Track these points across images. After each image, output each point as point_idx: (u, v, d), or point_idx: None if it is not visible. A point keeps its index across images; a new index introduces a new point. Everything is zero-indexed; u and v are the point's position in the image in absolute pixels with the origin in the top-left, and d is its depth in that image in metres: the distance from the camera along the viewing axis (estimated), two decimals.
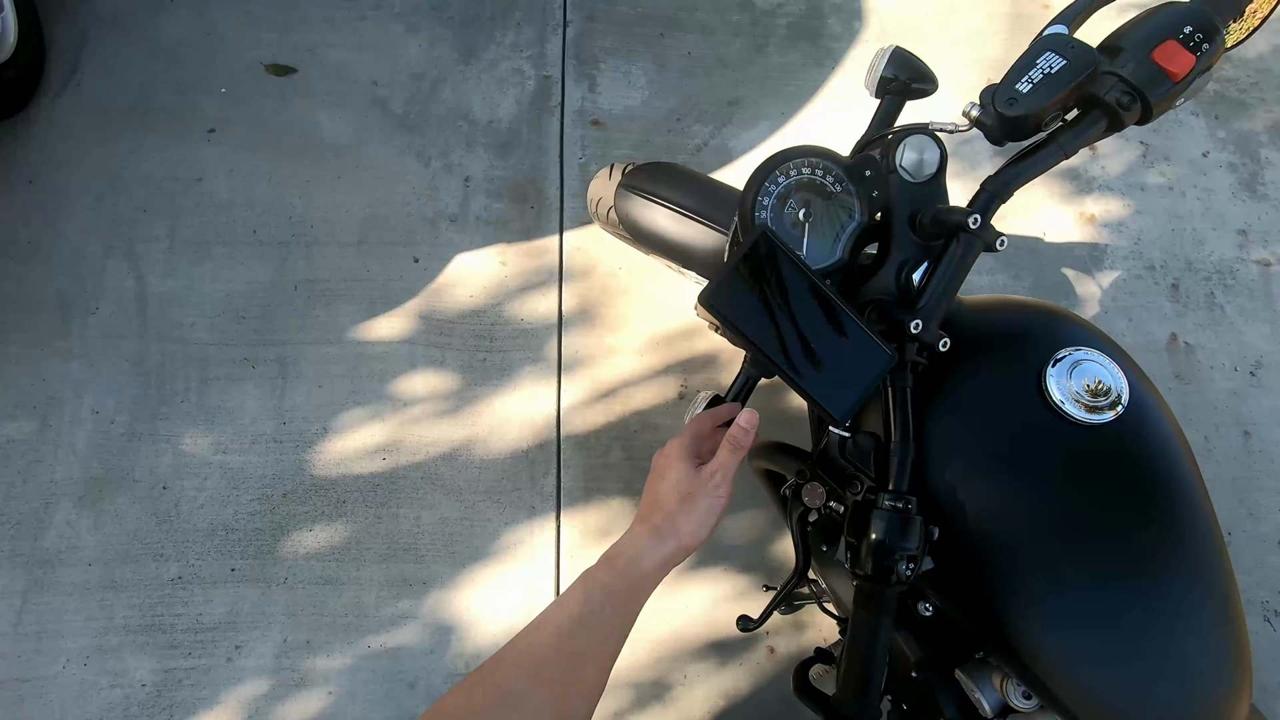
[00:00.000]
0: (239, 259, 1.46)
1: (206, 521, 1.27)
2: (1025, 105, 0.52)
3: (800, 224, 0.59)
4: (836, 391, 0.53)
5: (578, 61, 1.71)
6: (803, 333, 0.52)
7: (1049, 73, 0.52)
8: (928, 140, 0.59)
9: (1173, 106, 0.54)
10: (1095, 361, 0.57)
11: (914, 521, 0.52)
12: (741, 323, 0.52)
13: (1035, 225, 1.62)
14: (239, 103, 1.60)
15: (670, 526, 0.54)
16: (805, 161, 0.59)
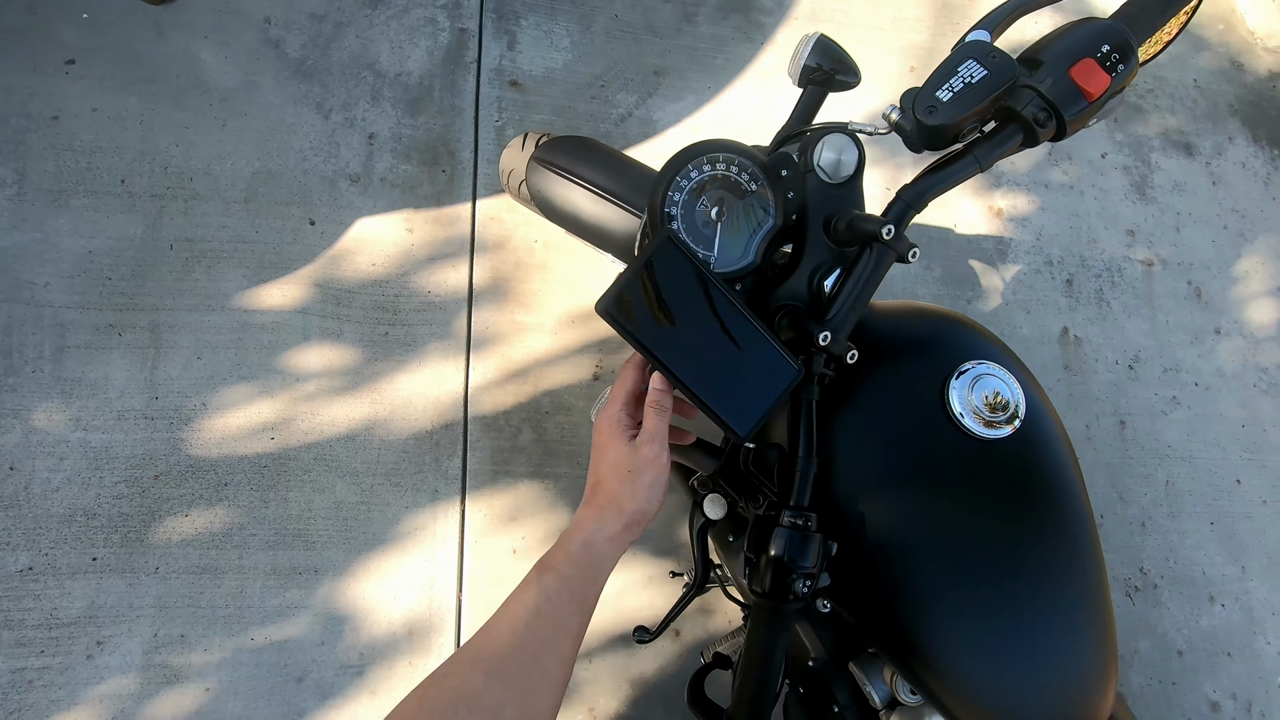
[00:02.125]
0: (104, 211, 1.30)
1: (63, 506, 1.14)
2: (944, 114, 0.50)
3: (712, 223, 0.55)
4: (739, 406, 0.50)
5: (497, 16, 1.60)
6: (706, 344, 0.49)
7: (970, 82, 0.50)
8: (847, 140, 0.56)
9: (1086, 125, 0.53)
10: (996, 375, 0.58)
11: (813, 539, 0.51)
12: (640, 333, 0.48)
13: (947, 217, 1.66)
14: (105, 31, 1.41)
15: (615, 506, 0.53)
16: (720, 156, 0.55)
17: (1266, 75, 1.99)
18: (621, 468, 0.53)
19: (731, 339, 0.50)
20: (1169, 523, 1.53)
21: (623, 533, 0.53)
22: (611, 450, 0.53)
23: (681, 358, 0.49)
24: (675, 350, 0.49)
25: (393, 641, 1.17)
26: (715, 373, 0.50)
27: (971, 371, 0.57)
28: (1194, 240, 1.77)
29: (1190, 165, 1.84)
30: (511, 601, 0.51)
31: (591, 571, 0.51)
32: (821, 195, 0.57)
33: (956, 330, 0.61)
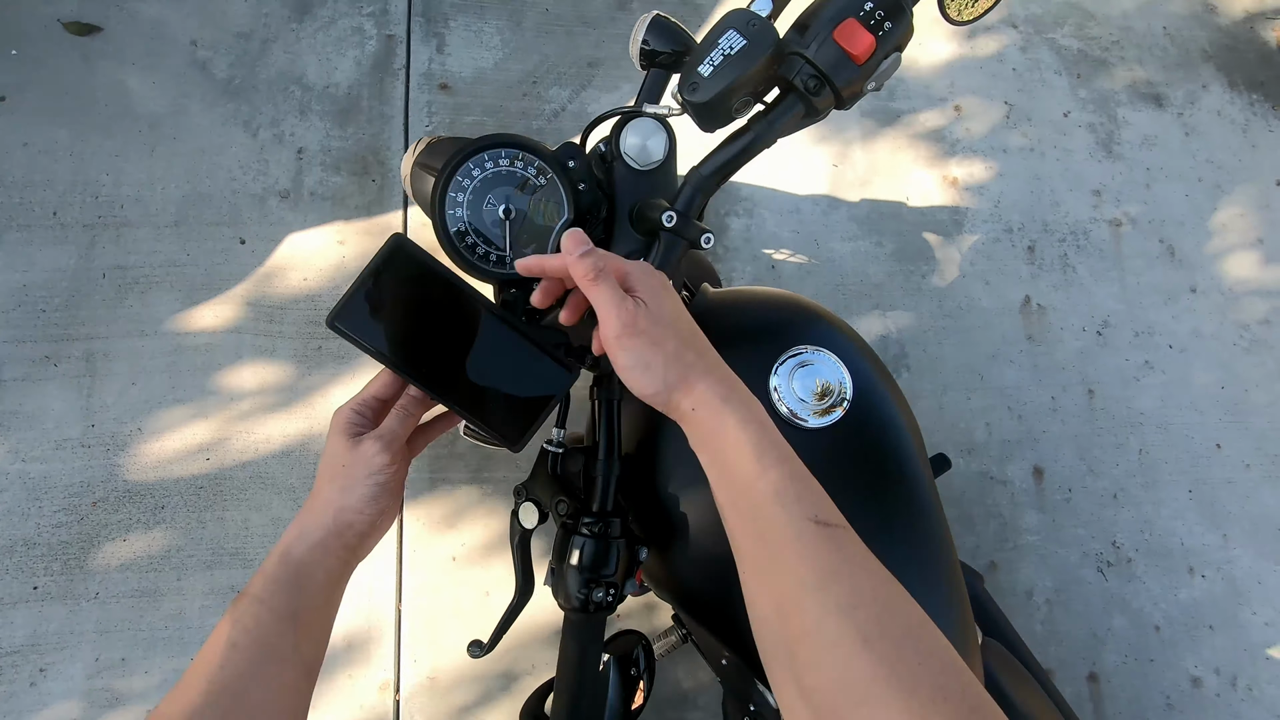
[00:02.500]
0: (37, 244, 1.32)
1: (3, 538, 1.17)
2: (706, 90, 0.47)
3: (501, 221, 0.53)
4: (508, 416, 0.48)
5: (425, 19, 1.59)
6: (464, 352, 0.47)
7: (729, 54, 0.47)
8: (653, 125, 0.54)
9: (864, 91, 0.50)
10: (820, 361, 0.54)
11: (614, 546, 0.49)
12: (381, 345, 0.46)
13: (899, 188, 1.61)
14: (34, 65, 1.42)
15: (323, 508, 0.47)
16: (503, 152, 0.53)
17: (1243, 16, 1.89)
18: (334, 465, 0.47)
19: (493, 344, 0.47)
20: (1143, 493, 1.46)
21: (331, 539, 0.46)
22: (329, 446, 0.48)
23: (436, 368, 0.47)
24: (427, 361, 0.46)
25: (331, 654, 1.17)
26: (478, 382, 0.48)
27: (793, 359, 0.54)
28: (1166, 196, 1.69)
29: (1161, 117, 1.75)
30: (205, 646, 0.44)
31: (296, 583, 0.45)
32: (630, 183, 0.55)
33: (780, 314, 0.58)
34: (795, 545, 0.38)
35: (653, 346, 0.42)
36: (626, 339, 0.42)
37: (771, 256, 1.52)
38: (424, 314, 0.46)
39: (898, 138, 1.65)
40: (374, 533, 0.49)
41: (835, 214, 1.57)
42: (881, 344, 1.49)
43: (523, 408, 0.48)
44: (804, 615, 0.36)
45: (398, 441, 0.47)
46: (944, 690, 0.33)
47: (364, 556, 0.50)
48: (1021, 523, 1.42)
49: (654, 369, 0.42)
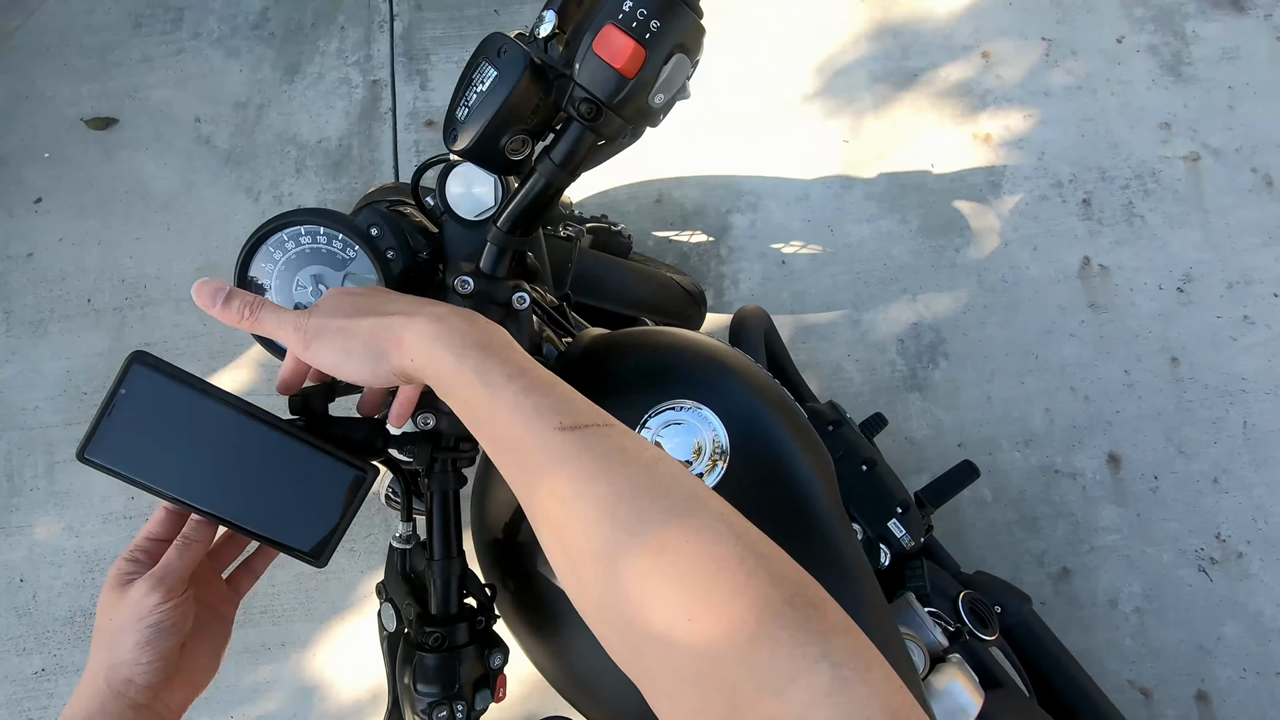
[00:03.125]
0: (76, 332, 1.42)
1: (65, 609, 1.26)
2: (466, 136, 0.40)
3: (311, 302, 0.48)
4: (305, 526, 0.44)
5: (407, 59, 1.59)
6: (238, 467, 0.43)
7: (481, 90, 0.40)
8: (473, 171, 0.47)
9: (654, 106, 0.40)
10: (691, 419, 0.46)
11: (455, 658, 0.43)
12: (145, 475, 0.42)
13: (922, 156, 1.45)
14: (64, 165, 1.54)
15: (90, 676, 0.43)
16: (301, 230, 0.48)
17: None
18: (101, 623, 0.43)
19: (269, 455, 0.43)
20: (1252, 474, 1.24)
21: (107, 705, 0.41)
22: (99, 605, 0.44)
23: (213, 490, 0.43)
24: (201, 483, 0.42)
25: (359, 709, 1.18)
26: (266, 498, 0.43)
27: (658, 419, 0.47)
28: (1256, 117, 1.43)
29: (1241, 24, 1.49)
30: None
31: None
32: (462, 237, 0.49)
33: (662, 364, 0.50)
34: (548, 463, 0.34)
35: (342, 334, 0.40)
36: (314, 343, 0.41)
37: (781, 251, 1.41)
38: (186, 431, 0.42)
39: (917, 99, 1.48)
40: (171, 683, 0.44)
41: (849, 195, 1.43)
42: (914, 332, 1.34)
43: (320, 519, 0.44)
44: (574, 534, 0.33)
45: (173, 575, 0.42)
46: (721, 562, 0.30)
47: (176, 712, 0.45)
48: (1097, 520, 1.23)
49: (356, 352, 0.40)
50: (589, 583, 0.33)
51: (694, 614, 0.29)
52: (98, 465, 0.42)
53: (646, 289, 0.98)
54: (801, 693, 0.27)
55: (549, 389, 0.37)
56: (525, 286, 0.45)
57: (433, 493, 0.47)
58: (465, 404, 0.38)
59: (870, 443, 0.96)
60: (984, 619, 0.81)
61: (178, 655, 0.43)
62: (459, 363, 0.37)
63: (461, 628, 0.45)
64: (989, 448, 1.27)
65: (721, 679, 0.28)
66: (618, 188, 1.46)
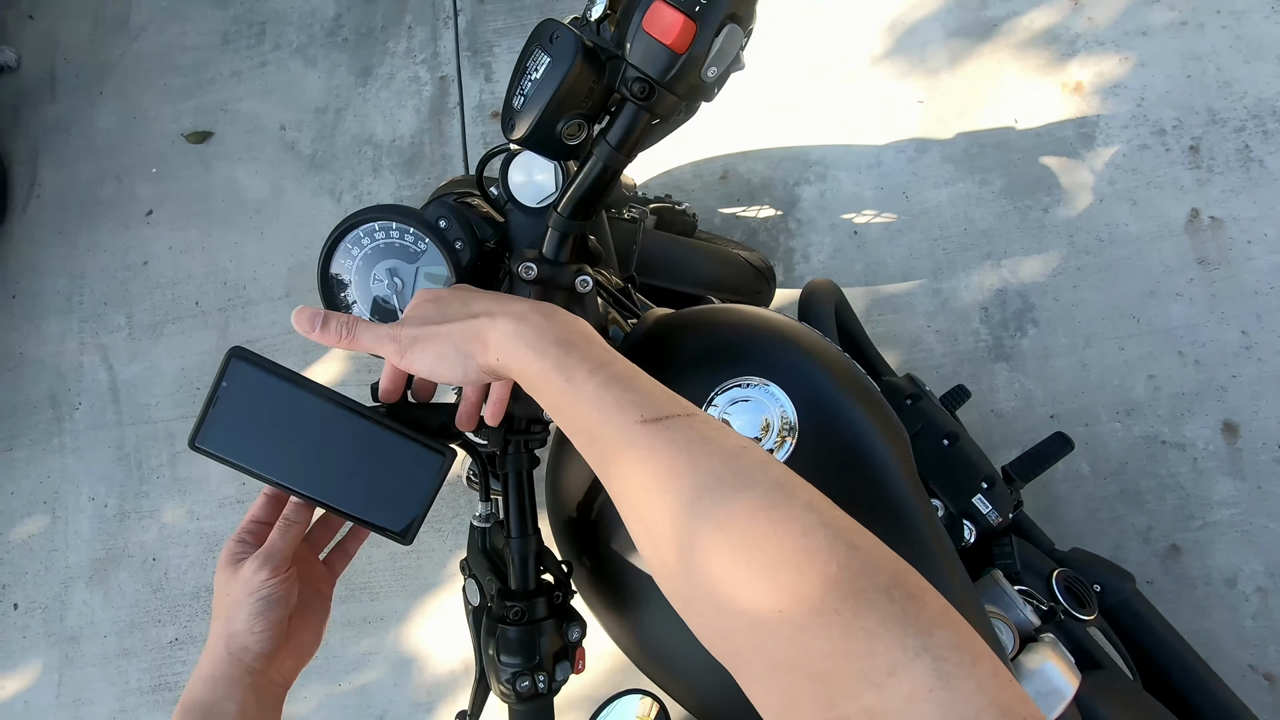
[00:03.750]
0: (187, 332, 1.54)
1: (192, 585, 1.38)
2: (523, 124, 0.41)
3: (389, 295, 0.51)
4: (392, 507, 0.46)
5: (472, 53, 1.62)
6: (332, 453, 0.45)
7: (535, 78, 0.40)
8: (535, 158, 0.48)
9: (709, 80, 0.39)
10: (758, 396, 0.46)
11: (535, 631, 0.45)
12: (249, 461, 0.45)
13: (1005, 112, 1.36)
14: (169, 179, 1.66)
15: (213, 643, 0.46)
16: (375, 226, 0.50)
17: None
18: (219, 600, 0.46)
19: (358, 441, 0.45)
20: None
21: (228, 670, 0.44)
22: (215, 584, 0.48)
23: (309, 474, 0.45)
24: (299, 468, 0.45)
25: (453, 679, 1.25)
26: (356, 480, 0.46)
27: (727, 394, 0.47)
28: None
29: None
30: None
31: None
32: (525, 225, 0.50)
33: (730, 341, 0.50)
34: (630, 454, 0.35)
35: (433, 340, 0.42)
36: (408, 352, 0.43)
37: (852, 221, 1.36)
38: (282, 419, 0.45)
39: (997, 51, 1.40)
40: (281, 652, 0.47)
41: (925, 158, 1.36)
42: (999, 299, 1.27)
43: (406, 500, 0.46)
44: (660, 522, 0.33)
45: (279, 554, 0.46)
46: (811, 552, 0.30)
47: (287, 679, 0.48)
48: (1212, 494, 1.14)
49: (446, 354, 0.42)
50: (677, 572, 0.33)
51: (784, 605, 0.29)
52: (206, 453, 0.45)
53: (713, 267, 0.97)
54: (902, 686, 0.26)
55: (630, 381, 0.37)
56: (588, 270, 0.45)
57: (507, 474, 0.49)
58: (549, 398, 0.39)
59: (953, 416, 0.92)
60: (1081, 598, 0.77)
61: (286, 627, 0.47)
62: (541, 359, 0.39)
63: (540, 602, 0.46)
64: (1085, 419, 1.20)
65: (816, 669, 0.28)
66: (681, 166, 1.44)
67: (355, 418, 0.45)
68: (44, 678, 1.37)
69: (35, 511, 1.47)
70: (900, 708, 0.26)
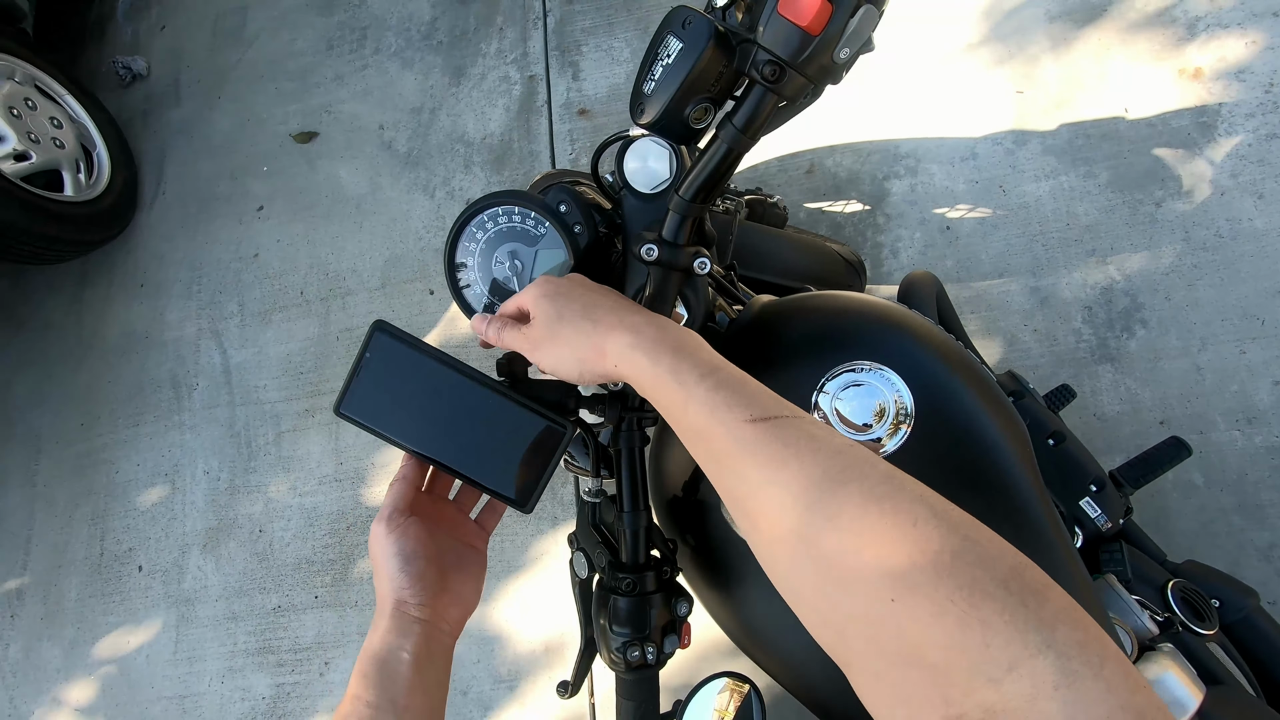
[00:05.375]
0: (292, 320, 1.64)
1: (294, 557, 1.47)
2: (652, 109, 0.42)
3: (510, 278, 0.53)
4: (515, 476, 0.48)
5: (560, 51, 1.66)
6: (462, 423, 0.48)
7: (667, 63, 0.41)
8: (651, 144, 0.50)
9: (840, 61, 0.39)
10: (873, 380, 0.46)
11: (645, 602, 0.46)
12: (387, 428, 0.48)
13: (1113, 100, 1.29)
14: (278, 176, 1.77)
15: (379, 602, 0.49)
16: (499, 210, 0.53)
17: None
18: (373, 561, 0.50)
19: (487, 412, 0.47)
20: None
21: (393, 623, 0.47)
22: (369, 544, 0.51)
23: (440, 441, 0.48)
24: (431, 435, 0.48)
25: (534, 659, 1.29)
26: (482, 449, 0.48)
27: (839, 380, 0.47)
28: None
29: None
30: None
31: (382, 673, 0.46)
32: (639, 210, 0.51)
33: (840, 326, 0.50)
34: (739, 452, 0.37)
35: (555, 343, 0.46)
36: (537, 355, 0.47)
37: (945, 216, 1.32)
38: (420, 391, 0.48)
39: (1104, 35, 1.33)
40: (442, 602, 0.49)
41: (1024, 150, 1.31)
42: (1104, 298, 1.21)
43: (526, 470, 0.48)
44: (768, 518, 0.35)
45: (388, 509, 0.49)
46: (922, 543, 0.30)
47: (453, 628, 0.51)
48: None
49: (566, 358, 0.46)
50: (787, 566, 0.34)
51: (897, 594, 0.29)
52: (348, 418, 0.49)
53: (806, 259, 0.97)
54: (1022, 683, 0.25)
55: (738, 385, 0.39)
56: (705, 252, 0.47)
57: (620, 450, 0.50)
58: (662, 400, 0.42)
59: (1056, 416, 0.88)
60: (1199, 611, 0.73)
61: (435, 576, 0.49)
62: (654, 366, 0.41)
63: (649, 576, 0.48)
64: (1199, 425, 1.13)
65: (930, 662, 0.28)
66: (766, 161, 1.44)
67: (483, 390, 0.48)
68: (163, 635, 1.49)
69: (158, 482, 1.60)
70: (1021, 705, 0.25)
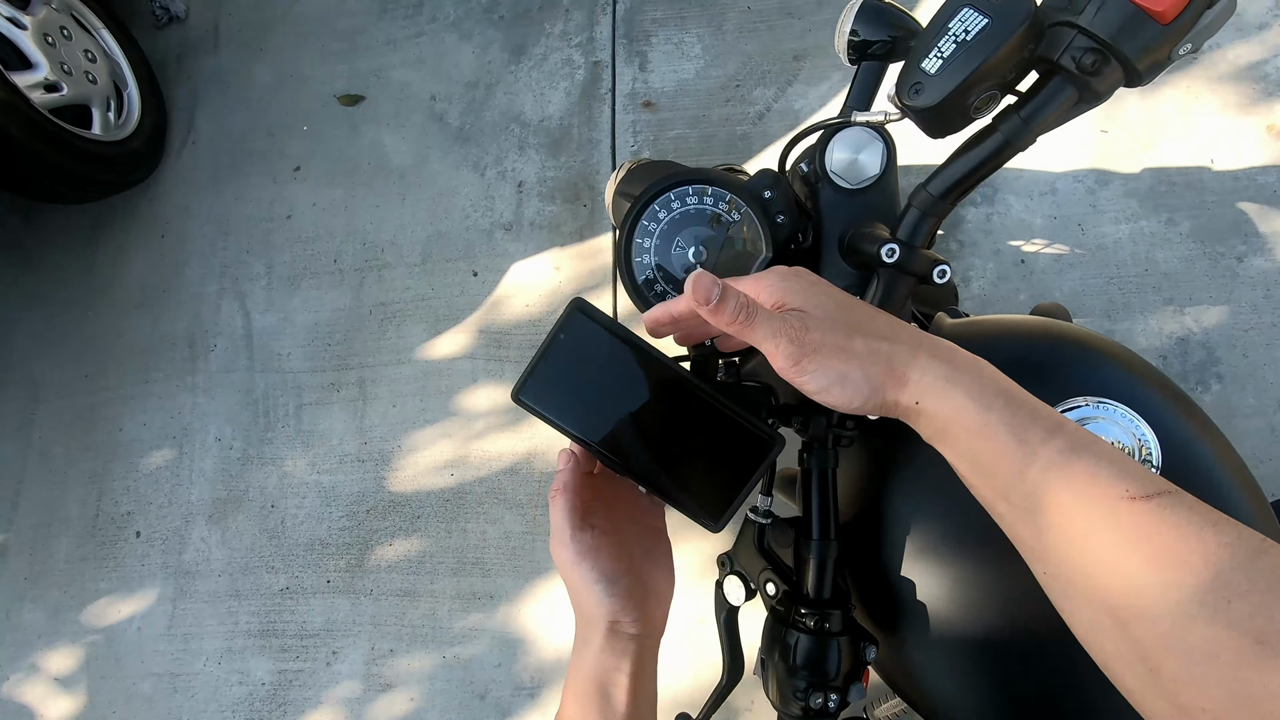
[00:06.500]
0: (324, 288, 1.56)
1: (306, 536, 1.40)
2: (935, 90, 0.37)
3: (693, 265, 0.48)
4: (708, 490, 0.42)
5: (628, 40, 1.61)
6: (655, 423, 0.42)
7: (964, 40, 0.36)
8: (865, 135, 0.45)
9: (1171, 59, 0.35)
10: (1111, 420, 0.41)
11: (834, 644, 0.41)
12: (567, 420, 0.43)
13: (1199, 149, 1.28)
14: (318, 137, 1.70)
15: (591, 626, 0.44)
16: (690, 189, 0.47)
17: None
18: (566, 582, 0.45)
19: (685, 414, 0.42)
20: None
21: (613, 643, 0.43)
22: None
23: (624, 442, 0.43)
24: (614, 435, 0.42)
25: (560, 667, 1.23)
26: (672, 455, 0.42)
27: (1076, 414, 0.42)
28: None
29: None
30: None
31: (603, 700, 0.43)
32: (838, 206, 0.46)
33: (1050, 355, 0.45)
34: (1109, 534, 0.30)
35: (839, 355, 0.36)
36: (807, 363, 0.36)
37: (1020, 249, 1.29)
38: (610, 383, 0.42)
39: (1193, 82, 1.31)
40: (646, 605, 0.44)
41: (1105, 190, 1.29)
42: (1179, 348, 1.19)
43: (721, 483, 0.43)
44: (1154, 621, 0.29)
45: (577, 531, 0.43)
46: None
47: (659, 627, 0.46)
48: None
49: (852, 379, 0.36)
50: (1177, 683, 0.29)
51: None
52: (527, 406, 0.43)
53: None
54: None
55: (1097, 448, 0.33)
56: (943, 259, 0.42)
57: (811, 469, 0.45)
58: (982, 457, 0.34)
59: None
60: None
61: (639, 585, 0.44)
62: (984, 412, 0.34)
63: (837, 615, 0.43)
64: (1271, 488, 1.10)
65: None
66: None
67: (688, 391, 0.42)
68: (158, 607, 1.41)
69: (164, 444, 1.52)
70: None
